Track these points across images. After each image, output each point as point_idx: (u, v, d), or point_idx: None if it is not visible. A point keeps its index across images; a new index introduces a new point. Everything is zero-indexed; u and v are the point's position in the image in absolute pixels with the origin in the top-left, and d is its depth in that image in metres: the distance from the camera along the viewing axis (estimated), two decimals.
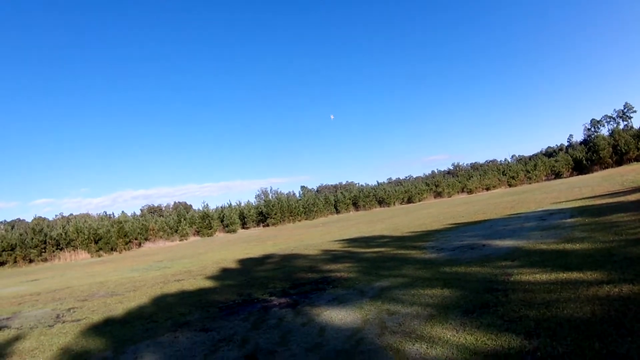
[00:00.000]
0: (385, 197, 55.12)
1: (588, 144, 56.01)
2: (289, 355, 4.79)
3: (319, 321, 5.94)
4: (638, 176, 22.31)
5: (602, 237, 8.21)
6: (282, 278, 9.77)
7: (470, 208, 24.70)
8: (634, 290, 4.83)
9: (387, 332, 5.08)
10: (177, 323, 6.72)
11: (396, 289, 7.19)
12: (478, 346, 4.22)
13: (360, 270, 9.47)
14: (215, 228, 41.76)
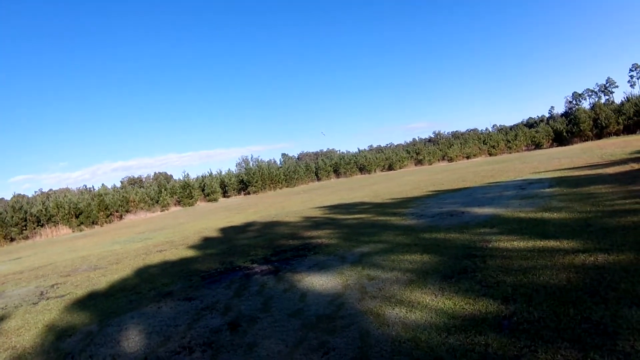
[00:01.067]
0: (366, 164, 55.20)
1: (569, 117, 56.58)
2: (271, 321, 4.87)
3: (300, 287, 6.04)
4: (617, 150, 22.75)
5: (579, 207, 8.39)
6: (264, 245, 9.81)
7: (451, 176, 24.95)
8: (609, 260, 4.97)
9: (367, 297, 5.19)
10: (160, 293, 6.76)
11: (376, 254, 7.29)
12: (456, 310, 4.33)
13: (340, 237, 9.55)
14: (197, 197, 41.53)
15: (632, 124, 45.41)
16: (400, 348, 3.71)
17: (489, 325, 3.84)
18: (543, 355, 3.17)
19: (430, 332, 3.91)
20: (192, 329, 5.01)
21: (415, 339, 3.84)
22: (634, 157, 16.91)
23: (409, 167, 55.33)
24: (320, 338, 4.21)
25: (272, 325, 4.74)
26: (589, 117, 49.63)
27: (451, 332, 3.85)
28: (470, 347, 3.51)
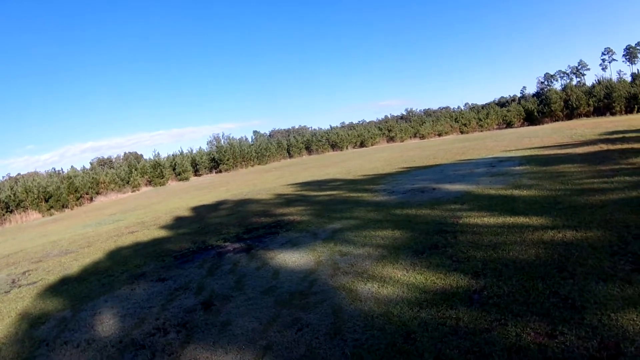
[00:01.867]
0: (338, 141, 55.20)
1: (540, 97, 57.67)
2: (244, 299, 4.89)
3: (273, 264, 6.07)
4: (587, 130, 23.34)
5: (548, 185, 8.59)
6: (236, 223, 9.79)
7: (422, 153, 25.20)
8: (577, 237, 5.11)
9: (340, 273, 5.25)
10: (133, 275, 6.71)
11: (348, 230, 7.36)
12: (427, 285, 4.41)
13: (312, 213, 9.59)
14: (168, 177, 40.72)
15: (602, 106, 46.57)
16: (373, 323, 3.77)
17: (460, 300, 3.92)
18: (513, 329, 3.25)
19: (402, 307, 3.98)
20: (166, 309, 5.00)
21: (387, 313, 3.90)
22: (603, 138, 17.38)
23: (381, 144, 55.57)
24: (293, 315, 4.25)
25: (245, 303, 4.76)
26: (560, 98, 50.69)
27: (423, 306, 3.92)
28: (441, 320, 3.58)
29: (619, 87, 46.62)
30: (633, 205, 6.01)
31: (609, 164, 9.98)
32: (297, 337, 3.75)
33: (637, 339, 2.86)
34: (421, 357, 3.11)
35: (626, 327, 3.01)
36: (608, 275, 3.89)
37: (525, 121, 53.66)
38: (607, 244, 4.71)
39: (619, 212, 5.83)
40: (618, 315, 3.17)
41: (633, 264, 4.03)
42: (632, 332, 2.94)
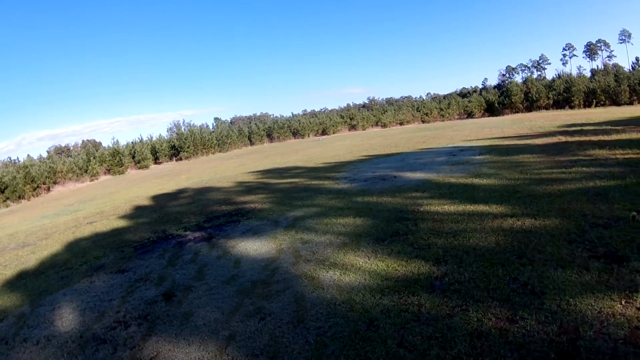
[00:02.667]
0: (299, 128, 55.05)
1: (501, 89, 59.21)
2: (206, 289, 4.84)
3: (234, 253, 6.03)
4: (546, 122, 24.09)
5: (508, 174, 8.81)
6: (197, 212, 9.69)
7: (384, 141, 25.44)
8: (535, 224, 5.26)
9: (302, 260, 5.26)
10: (92, 267, 6.54)
11: (309, 218, 7.37)
12: (389, 272, 4.45)
13: (274, 201, 9.56)
14: (127, 165, 39.46)
15: (562, 99, 48.24)
16: (335, 311, 3.78)
17: (422, 286, 3.97)
18: (474, 314, 3.31)
19: (364, 294, 4.00)
20: (127, 302, 4.89)
21: (350, 301, 3.92)
22: (561, 130, 17.96)
23: (343, 132, 55.79)
24: (256, 304, 4.23)
25: (207, 294, 4.71)
26: (521, 91, 52.21)
27: (385, 293, 3.95)
28: (404, 307, 3.62)
29: (578, 82, 48.43)
30: (590, 195, 6.22)
31: (567, 155, 10.32)
32: (260, 327, 3.73)
33: (595, 323, 2.96)
34: (384, 344, 3.12)
35: (584, 312, 3.11)
36: (566, 262, 4.01)
37: (486, 112, 55.00)
38: (564, 232, 4.85)
39: (577, 201, 6.03)
40: (576, 301, 3.27)
41: (590, 251, 4.17)
42: (591, 317, 3.04)
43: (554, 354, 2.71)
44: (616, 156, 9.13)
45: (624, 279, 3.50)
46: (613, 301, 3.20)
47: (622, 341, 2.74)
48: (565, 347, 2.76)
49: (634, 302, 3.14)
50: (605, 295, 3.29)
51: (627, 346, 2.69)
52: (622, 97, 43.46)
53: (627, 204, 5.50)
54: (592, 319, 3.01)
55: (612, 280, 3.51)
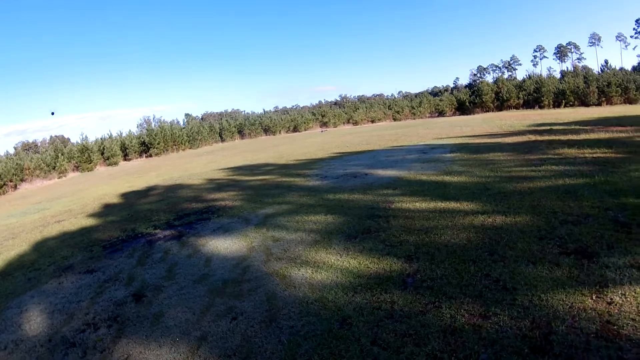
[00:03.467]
0: (271, 125, 54.95)
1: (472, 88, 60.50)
2: (176, 289, 4.77)
3: (204, 252, 5.97)
4: (516, 122, 24.65)
5: (479, 172, 8.96)
6: (167, 210, 9.54)
7: (355, 139, 25.56)
8: (507, 221, 5.35)
9: (273, 258, 5.24)
10: (60, 268, 6.35)
11: (280, 216, 7.34)
12: (361, 269, 4.45)
13: (245, 199, 9.49)
14: (96, 162, 38.40)
15: (532, 99, 49.63)
16: (308, 309, 3.76)
17: (394, 283, 3.98)
18: (447, 311, 3.33)
19: (337, 292, 4.00)
20: (96, 303, 4.76)
21: (322, 299, 3.90)
22: (531, 129, 18.41)
23: (314, 129, 55.97)
24: (227, 303, 4.18)
25: (177, 293, 4.64)
26: (492, 90, 53.49)
27: (357, 291, 3.95)
28: (376, 305, 3.62)
29: (548, 82, 49.93)
30: (559, 193, 6.38)
31: (537, 153, 10.56)
32: (232, 327, 3.69)
33: (567, 318, 3.02)
34: (358, 342, 3.12)
35: (556, 307, 3.17)
36: (537, 258, 4.09)
37: (457, 111, 56.03)
38: (535, 228, 4.96)
39: (546, 198, 6.17)
40: (548, 296, 3.33)
41: (560, 247, 4.26)
42: (562, 312, 3.10)
43: (527, 348, 2.75)
44: (585, 155, 9.39)
45: (594, 274, 3.58)
46: (584, 296, 3.27)
47: (594, 335, 2.80)
48: (538, 342, 2.80)
49: (605, 297, 3.22)
50: (576, 290, 3.37)
51: (599, 340, 2.75)
52: (591, 98, 45.08)
53: (596, 201, 5.66)
54: (564, 314, 3.07)
55: (583, 275, 3.59)
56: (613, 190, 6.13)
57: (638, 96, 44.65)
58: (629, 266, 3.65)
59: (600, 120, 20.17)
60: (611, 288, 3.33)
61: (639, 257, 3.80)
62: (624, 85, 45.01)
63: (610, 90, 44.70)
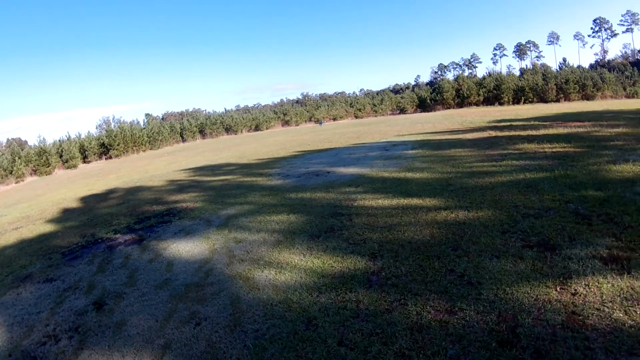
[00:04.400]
0: (232, 124, 54.65)
1: (434, 86, 62.06)
2: (138, 295, 4.64)
3: (166, 256, 5.84)
4: (476, 118, 25.26)
5: (440, 168, 9.09)
6: (127, 213, 9.30)
7: (317, 137, 25.61)
8: (469, 216, 5.42)
9: (236, 260, 5.16)
10: (18, 277, 6.09)
11: (242, 216, 7.26)
12: (325, 269, 4.42)
13: (206, 200, 9.34)
14: (54, 165, 36.96)
15: (492, 96, 51.41)
16: (272, 311, 3.70)
17: (359, 282, 3.96)
18: (413, 308, 3.33)
19: (301, 293, 3.95)
20: (56, 314, 4.56)
21: (287, 300, 3.85)
22: (492, 125, 18.91)
23: (276, 128, 56.00)
24: (190, 308, 4.09)
25: (139, 300, 4.50)
26: (452, 87, 54.97)
27: (322, 291, 3.91)
28: (342, 304, 3.59)
29: (508, 80, 51.76)
30: (520, 187, 6.52)
31: (497, 148, 10.81)
32: (196, 333, 3.59)
33: (532, 311, 3.05)
34: (325, 344, 3.07)
35: (522, 300, 3.21)
36: (500, 252, 4.15)
37: (419, 108, 57.06)
38: (497, 222, 5.04)
39: (508, 193, 6.30)
40: (513, 289, 3.37)
41: (523, 241, 4.34)
42: (528, 304, 3.14)
43: (494, 342, 2.77)
44: (544, 150, 9.66)
45: (557, 266, 3.66)
46: (548, 288, 3.33)
47: (560, 326, 2.85)
48: (505, 335, 2.82)
49: (569, 288, 3.28)
50: (540, 282, 3.42)
51: (565, 331, 2.80)
52: (549, 94, 47.01)
53: (556, 194, 5.80)
54: (530, 307, 3.11)
55: (546, 268, 3.66)
56: (573, 183, 6.32)
57: (595, 93, 47.02)
58: (591, 257, 3.74)
59: (559, 116, 20.88)
60: (575, 279, 3.41)
61: (601, 248, 3.90)
62: (582, 83, 47.30)
63: (568, 87, 46.76)
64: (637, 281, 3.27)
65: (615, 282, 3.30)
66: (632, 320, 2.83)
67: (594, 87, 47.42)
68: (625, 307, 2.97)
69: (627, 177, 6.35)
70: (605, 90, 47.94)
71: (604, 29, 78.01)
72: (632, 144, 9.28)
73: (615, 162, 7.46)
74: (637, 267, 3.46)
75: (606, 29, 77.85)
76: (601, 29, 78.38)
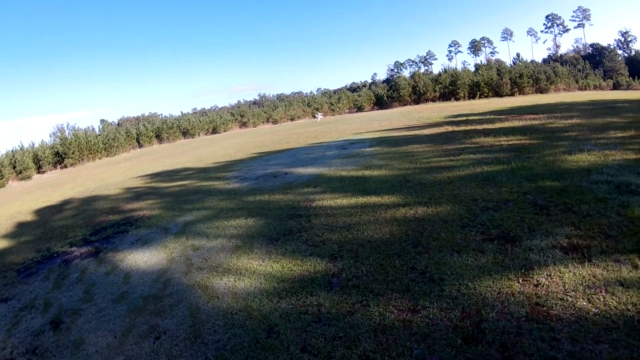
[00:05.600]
0: (189, 128, 53.95)
1: (390, 83, 62.96)
2: (95, 311, 4.47)
3: (123, 267, 5.67)
4: (433, 114, 25.66)
5: (398, 164, 9.14)
6: (83, 224, 8.95)
7: (275, 137, 25.46)
8: (429, 212, 5.44)
9: (194, 269, 5.05)
10: None
11: (200, 222, 7.12)
12: (285, 273, 4.34)
13: (163, 207, 9.11)
14: (7, 176, 35.18)
15: (448, 92, 52.57)
16: (232, 320, 3.60)
17: (319, 285, 3.90)
18: (375, 309, 3.28)
19: (261, 299, 3.86)
20: (12, 335, 4.33)
21: (247, 308, 3.76)
22: (448, 120, 19.21)
23: (234, 130, 55.68)
24: (149, 322, 3.94)
25: (97, 316, 4.32)
26: (409, 84, 55.94)
27: (282, 296, 3.84)
28: (303, 309, 3.52)
29: (463, 75, 53.01)
30: (478, 181, 6.61)
31: (455, 143, 10.96)
32: (155, 347, 3.46)
33: (496, 304, 3.06)
34: (287, 351, 3.00)
35: (485, 294, 3.21)
36: (461, 246, 4.16)
37: (376, 105, 57.66)
38: (457, 217, 5.08)
39: (466, 187, 6.37)
40: (475, 284, 3.38)
41: (483, 234, 4.37)
42: (491, 299, 3.14)
43: (459, 339, 2.75)
44: (501, 143, 9.86)
45: (518, 258, 3.69)
46: (511, 281, 3.34)
47: (525, 319, 2.86)
48: (470, 331, 2.81)
49: (531, 280, 3.30)
50: (502, 275, 3.44)
51: (530, 323, 2.81)
52: (504, 89, 48.67)
53: (514, 186, 5.90)
54: (493, 301, 3.11)
55: (507, 260, 3.68)
56: (530, 175, 6.44)
57: (549, 86, 49.14)
58: (552, 247, 3.79)
59: (514, 109, 21.43)
60: (536, 270, 3.44)
61: (561, 237, 3.97)
62: (535, 77, 49.27)
63: (522, 81, 48.51)
64: (598, 269, 3.33)
65: (576, 270, 3.35)
66: (595, 308, 2.86)
67: (548, 81, 49.37)
68: (588, 295, 3.01)
69: (583, 167, 6.53)
70: (558, 84, 50.12)
71: (556, 24, 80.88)
72: (586, 134, 9.58)
73: (570, 152, 7.68)
74: (598, 255, 3.53)
75: (558, 24, 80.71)
76: (553, 24, 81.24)
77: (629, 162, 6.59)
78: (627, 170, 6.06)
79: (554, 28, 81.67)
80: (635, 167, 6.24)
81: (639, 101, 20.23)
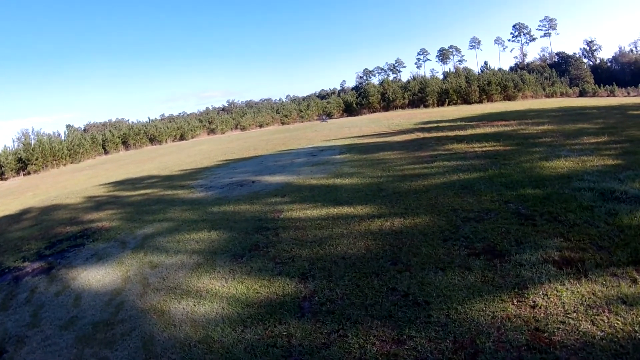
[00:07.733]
0: (156, 134, 53.30)
1: (359, 90, 63.82)
2: (41, 339, 4.03)
3: (75, 287, 5.20)
4: (403, 120, 25.74)
5: (370, 172, 8.86)
6: (39, 236, 8.38)
7: (243, 144, 25.11)
8: (406, 224, 5.12)
9: (150, 290, 4.62)
10: None
11: (160, 235, 6.66)
12: (250, 296, 3.93)
13: (123, 217, 8.61)
14: None
15: (417, 99, 53.77)
16: (190, 354, 3.20)
17: (289, 310, 3.50)
18: (354, 340, 2.90)
19: (223, 328, 3.45)
20: None
21: (207, 339, 3.35)
22: (419, 127, 19.18)
23: (202, 137, 55.36)
24: (98, 354, 3.53)
25: (42, 345, 3.89)
26: (378, 92, 56.84)
27: (247, 324, 3.43)
28: (271, 341, 3.12)
29: (432, 83, 54.29)
30: (456, 189, 6.35)
31: (427, 150, 10.78)
32: None
33: (492, 332, 2.72)
34: None
35: (478, 320, 2.87)
36: (445, 263, 3.84)
37: (345, 112, 58.12)
38: (437, 229, 4.76)
39: (443, 195, 6.10)
40: (466, 307, 3.04)
41: (468, 248, 4.06)
42: (485, 325, 2.81)
43: None
44: (474, 149, 9.70)
45: (510, 275, 3.40)
46: (505, 302, 3.04)
47: (525, 348, 2.57)
48: None
49: (527, 301, 3.01)
50: (494, 296, 3.12)
51: (532, 352, 2.52)
52: (473, 96, 50.19)
53: (494, 195, 5.66)
54: (488, 327, 2.79)
55: (498, 278, 3.38)
56: (509, 182, 6.23)
57: (516, 93, 51.06)
58: (543, 262, 3.52)
59: (484, 116, 21.60)
60: (531, 289, 3.15)
61: (551, 250, 3.70)
62: (503, 84, 51.06)
63: (490, 88, 50.05)
64: (597, 285, 3.06)
65: (574, 288, 3.07)
66: (601, 331, 2.59)
67: (515, 88, 51.04)
68: (591, 317, 2.73)
69: (562, 173, 6.36)
70: (525, 91, 52.01)
71: (523, 33, 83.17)
72: (560, 140, 9.51)
73: (547, 158, 7.54)
74: (593, 269, 3.28)
75: (525, 33, 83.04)
76: (520, 33, 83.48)
77: (608, 168, 6.47)
78: (607, 177, 5.92)
79: (521, 37, 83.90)
80: (615, 172, 6.12)
81: (606, 108, 20.66)
